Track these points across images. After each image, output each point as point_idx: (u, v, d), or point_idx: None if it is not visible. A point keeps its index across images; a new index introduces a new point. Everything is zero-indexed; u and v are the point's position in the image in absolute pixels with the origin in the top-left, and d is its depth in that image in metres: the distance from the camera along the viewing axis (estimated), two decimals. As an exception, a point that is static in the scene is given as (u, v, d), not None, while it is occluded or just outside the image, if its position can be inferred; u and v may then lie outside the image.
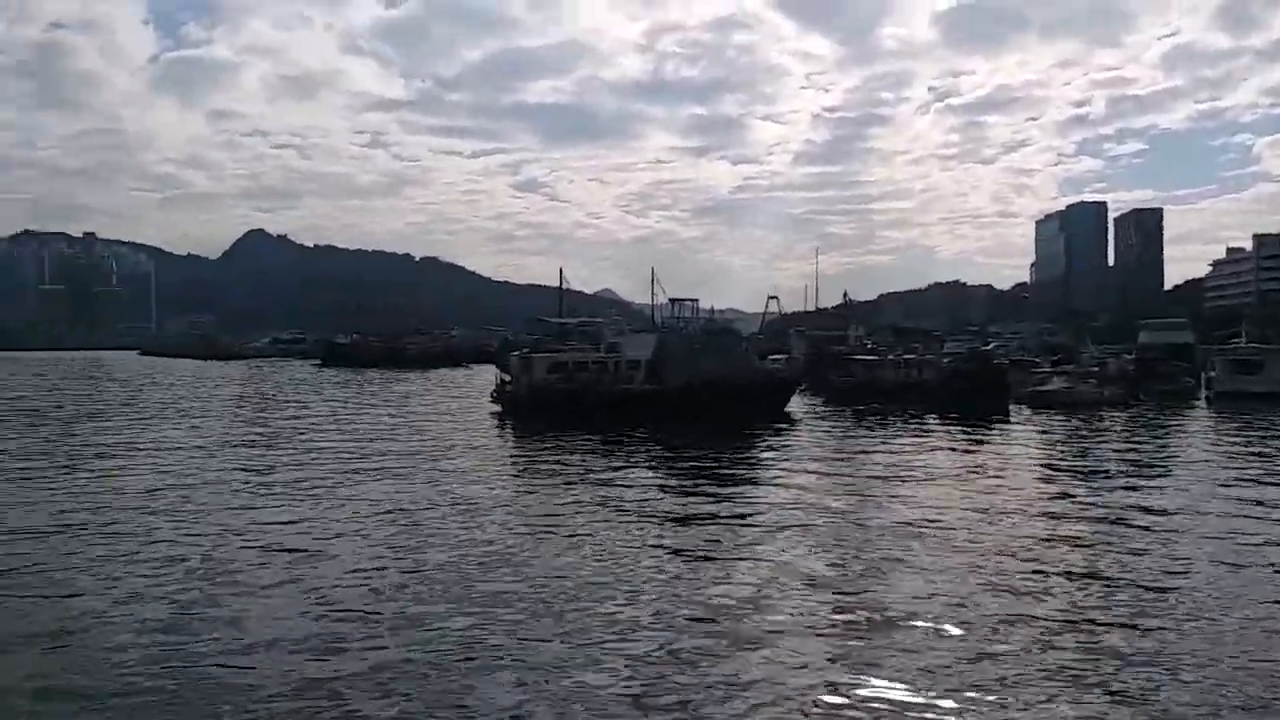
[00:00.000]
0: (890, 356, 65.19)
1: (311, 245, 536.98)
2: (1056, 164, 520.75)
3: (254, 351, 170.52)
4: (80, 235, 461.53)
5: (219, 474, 27.86)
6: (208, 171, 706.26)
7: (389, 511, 21.76)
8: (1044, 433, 42.14)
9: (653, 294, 64.92)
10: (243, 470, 28.61)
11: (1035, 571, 16.15)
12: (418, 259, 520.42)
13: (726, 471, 29.43)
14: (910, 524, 20.22)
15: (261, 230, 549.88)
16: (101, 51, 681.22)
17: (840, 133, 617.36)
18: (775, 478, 28.04)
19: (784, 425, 43.95)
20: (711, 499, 24.24)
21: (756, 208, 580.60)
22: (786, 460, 32.00)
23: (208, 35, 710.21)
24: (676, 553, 17.90)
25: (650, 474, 29.08)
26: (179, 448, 34.47)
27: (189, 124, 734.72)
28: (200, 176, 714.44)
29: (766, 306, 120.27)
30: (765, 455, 33.42)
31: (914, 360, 63.75)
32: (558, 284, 73.58)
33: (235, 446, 35.21)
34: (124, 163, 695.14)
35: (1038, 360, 70.55)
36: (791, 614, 13.82)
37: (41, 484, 26.08)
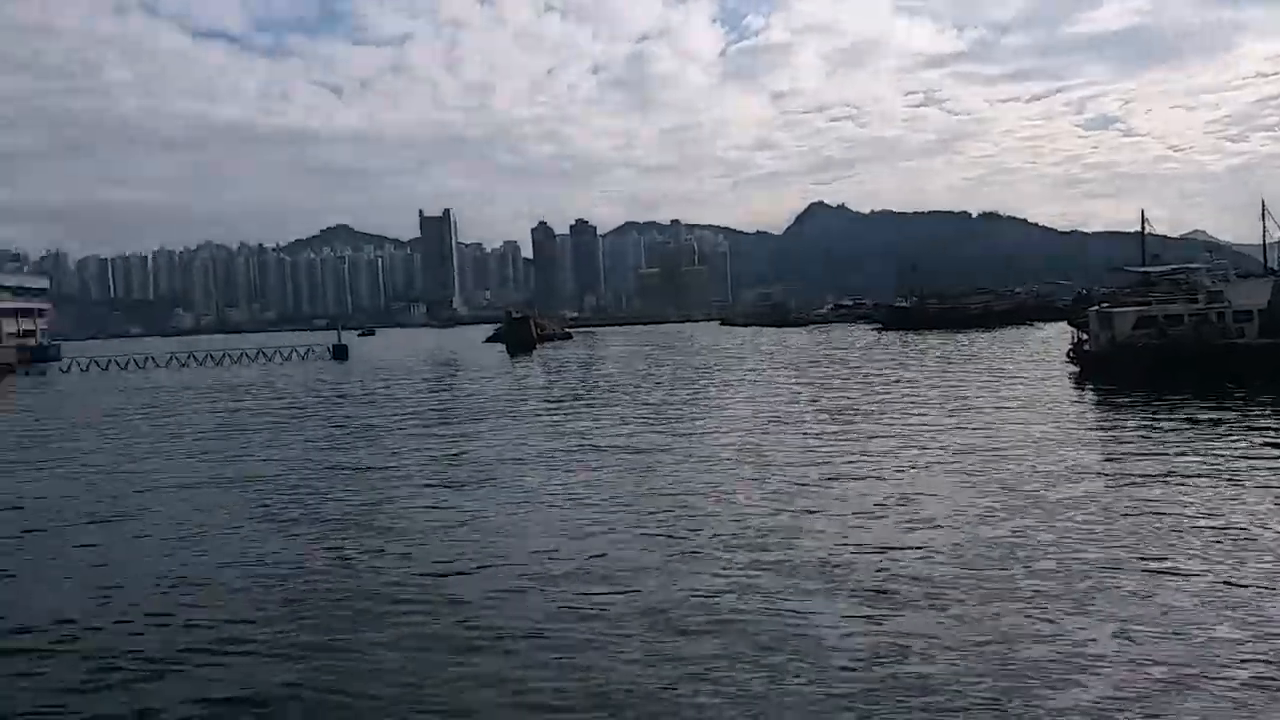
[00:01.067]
0: None
1: (868, 212, 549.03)
2: None
3: (818, 318, 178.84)
4: (668, 222, 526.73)
5: (809, 427, 29.37)
6: (772, 152, 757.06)
7: (966, 476, 21.02)
8: None
9: (1263, 231, 54.47)
10: (810, 429, 29.84)
11: None
12: (975, 215, 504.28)
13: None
14: None
15: (821, 202, 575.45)
16: (678, 54, 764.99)
17: None
18: None
19: None
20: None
21: None
22: None
23: (765, 21, 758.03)
24: None
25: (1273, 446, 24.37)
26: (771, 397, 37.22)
27: (754, 109, 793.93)
28: (765, 157, 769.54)
29: None
30: None
31: None
32: (1138, 228, 65.59)
33: (807, 411, 36.95)
34: (699, 153, 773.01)
35: None
36: None
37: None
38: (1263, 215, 53.54)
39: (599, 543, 16.73)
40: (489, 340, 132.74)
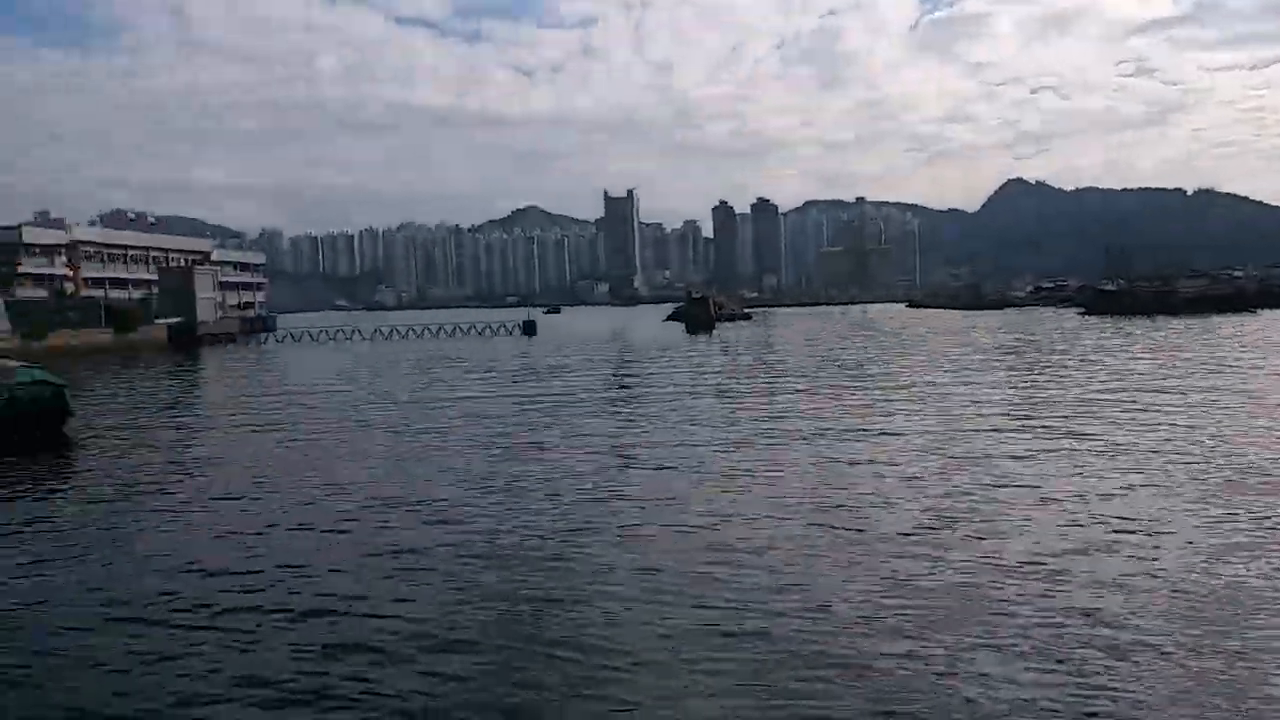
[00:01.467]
0: None
1: (1071, 189, 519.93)
2: None
3: (1015, 300, 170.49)
4: (853, 200, 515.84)
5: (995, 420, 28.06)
6: (966, 125, 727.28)
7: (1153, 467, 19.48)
8: None
9: None
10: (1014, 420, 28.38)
11: None
12: (1190, 192, 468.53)
13: None
14: None
15: (1019, 178, 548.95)
16: (868, 27, 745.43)
17: None
18: None
19: None
20: None
21: None
22: None
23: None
24: None
25: None
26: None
27: (947, 81, 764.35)
28: (959, 130, 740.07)
29: None
30: None
31: None
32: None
33: (1010, 403, 35.22)
34: (887, 128, 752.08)
35: None
36: None
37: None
38: None
39: (777, 526, 16.50)
40: (668, 319, 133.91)
